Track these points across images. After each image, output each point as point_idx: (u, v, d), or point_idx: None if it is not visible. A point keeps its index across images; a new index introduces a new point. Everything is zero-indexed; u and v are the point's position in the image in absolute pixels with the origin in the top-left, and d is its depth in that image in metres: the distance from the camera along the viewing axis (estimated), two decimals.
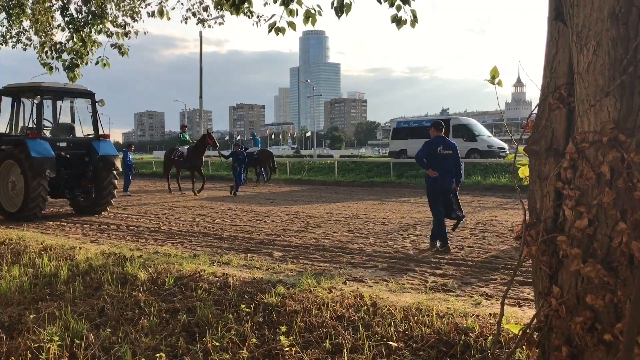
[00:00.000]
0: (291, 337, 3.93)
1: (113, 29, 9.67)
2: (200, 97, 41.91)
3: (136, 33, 9.83)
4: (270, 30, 5.98)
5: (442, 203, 8.81)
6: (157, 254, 7.40)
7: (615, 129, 2.12)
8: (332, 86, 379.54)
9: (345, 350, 3.68)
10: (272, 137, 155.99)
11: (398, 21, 5.94)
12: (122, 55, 9.52)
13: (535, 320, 2.43)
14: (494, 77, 2.77)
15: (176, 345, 4.07)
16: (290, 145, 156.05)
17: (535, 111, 2.54)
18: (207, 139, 19.81)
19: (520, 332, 2.44)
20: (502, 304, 2.40)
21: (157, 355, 3.81)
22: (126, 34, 9.69)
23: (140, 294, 5.31)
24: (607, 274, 2.10)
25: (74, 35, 9.31)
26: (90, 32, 9.40)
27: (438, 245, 8.63)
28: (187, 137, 22.72)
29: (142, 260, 6.69)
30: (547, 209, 2.37)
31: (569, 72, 2.36)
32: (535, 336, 2.44)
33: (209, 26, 10.68)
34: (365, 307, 4.59)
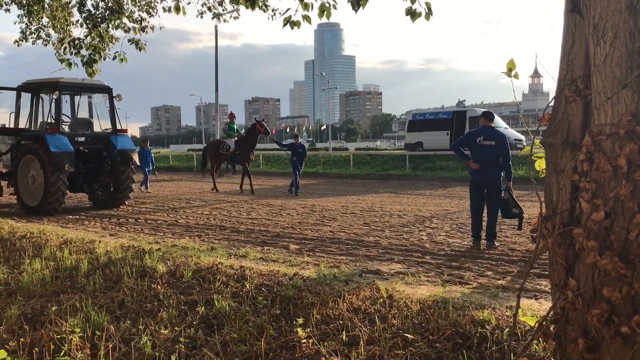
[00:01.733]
0: (308, 329, 3.97)
1: (130, 25, 9.75)
2: (216, 90, 42.03)
3: (152, 28, 9.90)
4: (285, 24, 6.00)
5: (480, 197, 8.26)
6: (175, 247, 7.48)
7: (632, 121, 2.11)
8: (347, 79, 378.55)
9: (361, 342, 3.71)
10: (288, 130, 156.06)
11: (412, 14, 5.92)
12: (140, 50, 9.61)
13: (551, 312, 2.43)
14: (510, 69, 2.76)
15: (195, 337, 4.13)
16: (306, 138, 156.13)
17: (552, 104, 2.53)
18: (256, 127, 17.83)
19: (537, 325, 2.44)
20: (519, 296, 2.41)
21: (176, 346, 3.86)
22: (143, 29, 9.77)
23: (159, 287, 5.38)
24: (624, 266, 2.10)
25: (92, 31, 9.40)
26: (108, 27, 9.49)
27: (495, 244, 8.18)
28: (236, 127, 20.42)
29: (161, 253, 6.77)
30: (563, 202, 2.37)
31: (586, 65, 2.35)
32: (551, 328, 2.45)
33: (224, 20, 10.71)
34: (382, 299, 4.61)
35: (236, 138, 18.73)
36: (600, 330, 2.20)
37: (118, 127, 14.42)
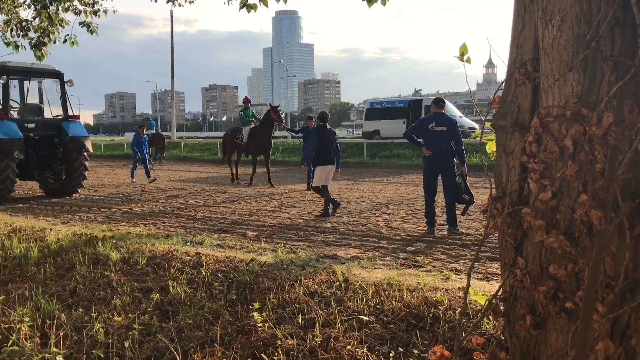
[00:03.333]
0: (264, 313, 3.97)
1: (81, 7, 9.46)
2: (172, 77, 41.25)
3: (105, 11, 9.63)
4: (242, 7, 5.93)
5: (434, 183, 8.33)
6: (129, 235, 7.34)
7: (578, 103, 2.17)
8: (305, 67, 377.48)
9: (317, 324, 3.73)
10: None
11: None
12: (92, 34, 9.35)
13: (500, 291, 2.49)
14: (462, 54, 2.79)
15: (149, 323, 4.07)
16: None
17: (502, 87, 2.58)
18: (271, 114, 15.97)
19: (487, 303, 2.50)
20: (469, 275, 2.46)
21: (130, 333, 3.81)
22: (95, 13, 9.49)
23: (112, 274, 5.28)
24: (569, 244, 2.17)
25: (41, 13, 9.09)
26: (58, 9, 9.19)
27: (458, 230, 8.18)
28: (252, 113, 18.03)
29: (114, 241, 6.63)
30: (512, 183, 2.43)
31: (535, 48, 2.40)
32: (501, 306, 2.51)
33: (179, 5, 10.49)
34: (338, 283, 4.64)
35: (253, 125, 16.80)
36: (546, 306, 2.27)
37: (70, 113, 14.01)
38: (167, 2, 10.30)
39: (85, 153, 13.66)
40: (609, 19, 2.06)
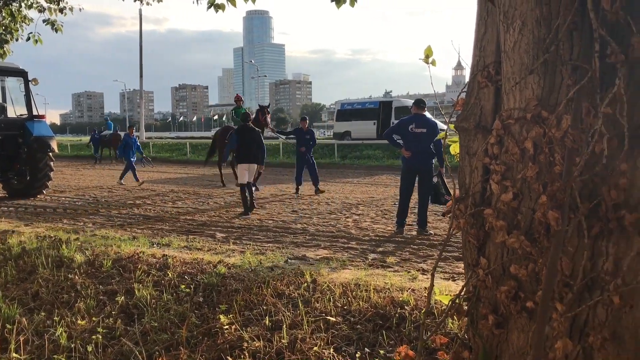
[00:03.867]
0: (231, 316, 3.94)
1: (45, 4, 9.28)
2: (141, 76, 40.76)
3: (71, 9, 9.45)
4: (210, 7, 5.88)
5: (411, 184, 8.31)
6: (94, 237, 7.22)
7: (538, 106, 2.20)
8: (276, 67, 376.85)
9: (284, 326, 3.72)
10: (216, 118, 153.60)
11: (337, 0, 5.94)
12: (56, 32, 9.17)
13: (464, 290, 2.52)
14: (427, 56, 2.81)
15: (114, 327, 4.01)
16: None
17: (466, 89, 2.61)
18: (259, 116, 14.80)
19: (450, 303, 2.53)
20: (432, 276, 2.48)
21: (94, 337, 3.74)
22: (60, 10, 9.31)
23: (76, 277, 5.19)
24: (529, 244, 2.20)
25: (2, 10, 8.87)
26: (20, 6, 8.99)
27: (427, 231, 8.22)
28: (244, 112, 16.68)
29: (79, 243, 6.52)
30: (475, 184, 2.45)
31: (497, 51, 2.43)
32: (464, 306, 2.54)
33: (147, 3, 10.36)
34: (306, 284, 4.64)
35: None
36: (508, 306, 2.30)
37: (35, 112, 13.70)
38: (135, 1, 10.19)
39: (50, 153, 13.37)
40: (568, 24, 2.10)
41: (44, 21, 8.99)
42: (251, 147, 10.71)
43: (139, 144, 17.57)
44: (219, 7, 5.82)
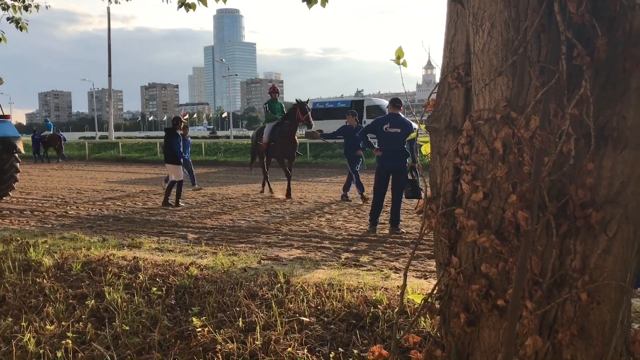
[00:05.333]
0: (204, 318, 3.91)
1: (9, 2, 9.05)
2: (109, 75, 40.17)
3: (37, 7, 9.23)
4: (180, 6, 5.83)
5: (385, 184, 8.35)
6: (63, 239, 7.09)
7: (507, 107, 2.23)
8: (248, 66, 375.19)
9: (258, 327, 3.71)
10: (187, 117, 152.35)
11: (309, 0, 5.93)
12: (21, 30, 8.95)
13: (436, 289, 2.54)
14: (398, 57, 2.83)
15: (84, 331, 3.94)
16: (206, 126, 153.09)
17: (436, 90, 2.64)
18: (297, 111, 12.99)
19: (423, 302, 2.55)
20: (405, 275, 2.50)
21: (63, 342, 3.67)
22: (25, 8, 9.09)
23: (45, 281, 5.09)
24: (500, 243, 2.23)
25: None
26: None
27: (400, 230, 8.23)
28: (280, 107, 14.39)
29: (47, 246, 6.40)
30: (446, 184, 2.48)
31: (467, 53, 2.46)
32: (436, 305, 2.56)
33: (116, 1, 10.20)
34: (279, 284, 4.63)
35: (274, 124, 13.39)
36: (479, 304, 2.33)
37: (0, 112, 13.39)
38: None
39: (16, 154, 13.07)
40: (536, 26, 2.13)
41: (8, 19, 8.77)
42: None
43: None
44: (189, 6, 5.77)
